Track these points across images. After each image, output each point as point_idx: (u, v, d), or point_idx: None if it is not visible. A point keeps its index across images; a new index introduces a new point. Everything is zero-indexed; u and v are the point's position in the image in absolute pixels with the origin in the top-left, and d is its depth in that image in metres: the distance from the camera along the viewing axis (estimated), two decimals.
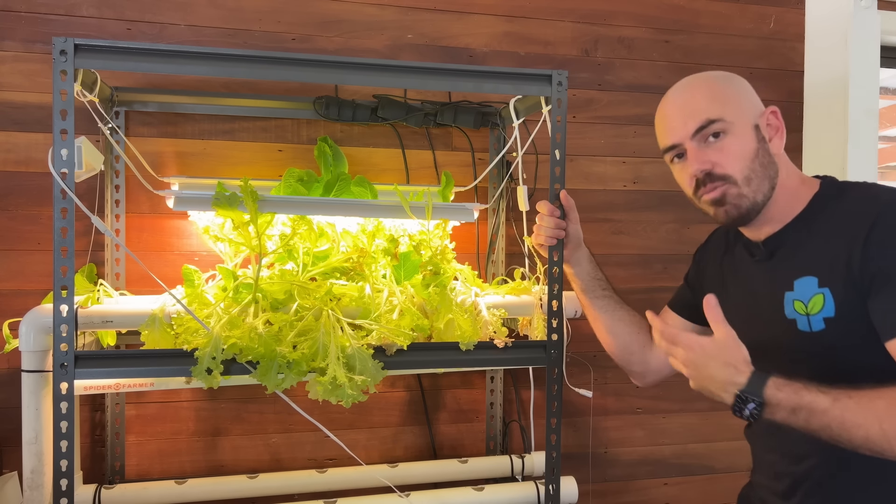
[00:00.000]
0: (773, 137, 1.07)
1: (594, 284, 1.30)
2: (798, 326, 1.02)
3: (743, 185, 1.04)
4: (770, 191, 1.05)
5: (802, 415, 0.89)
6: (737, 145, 1.04)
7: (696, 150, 1.06)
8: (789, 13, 1.99)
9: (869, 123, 1.87)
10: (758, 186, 1.04)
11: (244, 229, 1.29)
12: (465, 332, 1.32)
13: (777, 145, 1.07)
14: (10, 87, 1.54)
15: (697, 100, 1.07)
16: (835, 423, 0.87)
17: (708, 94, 1.07)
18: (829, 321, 0.98)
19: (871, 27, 1.86)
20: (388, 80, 1.29)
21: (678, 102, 1.09)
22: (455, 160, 1.77)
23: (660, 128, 1.12)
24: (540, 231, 1.27)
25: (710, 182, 1.05)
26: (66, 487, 1.16)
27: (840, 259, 0.97)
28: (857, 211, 0.98)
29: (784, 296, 1.04)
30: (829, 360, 0.99)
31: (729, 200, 1.05)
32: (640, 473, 1.93)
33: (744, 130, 1.04)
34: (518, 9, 1.80)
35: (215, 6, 1.63)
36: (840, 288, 0.97)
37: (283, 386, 1.19)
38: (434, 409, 1.79)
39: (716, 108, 1.04)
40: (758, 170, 1.04)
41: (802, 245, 1.04)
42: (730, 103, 1.05)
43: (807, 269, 1.01)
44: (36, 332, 1.25)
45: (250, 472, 1.62)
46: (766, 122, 1.07)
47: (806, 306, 1.01)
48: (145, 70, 1.17)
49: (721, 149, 1.04)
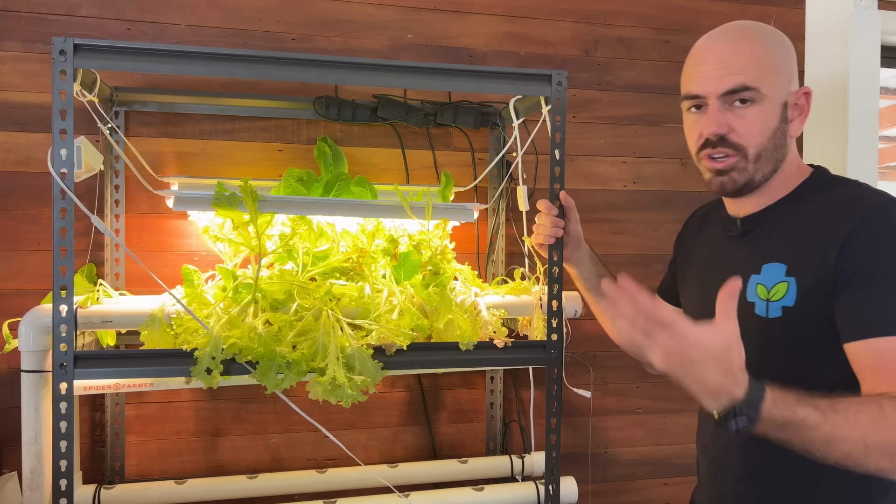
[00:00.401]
0: (794, 119, 1.03)
1: (596, 282, 1.31)
2: (755, 310, 1.01)
3: (752, 160, 1.00)
4: (771, 173, 1.03)
5: (789, 430, 0.81)
6: (761, 118, 0.99)
7: (718, 111, 1.00)
8: (789, 13, 1.98)
9: (869, 123, 1.87)
10: (763, 165, 1.01)
11: (244, 229, 1.29)
12: (464, 332, 1.32)
13: (796, 128, 1.03)
14: (10, 87, 1.54)
15: (741, 58, 0.99)
16: (820, 438, 0.81)
17: (754, 55, 0.99)
18: (786, 310, 0.97)
19: (871, 27, 1.86)
20: (388, 80, 1.29)
21: (720, 52, 1.01)
22: (455, 160, 1.77)
23: (690, 71, 1.05)
24: (539, 230, 1.28)
25: (721, 146, 1.01)
26: (65, 487, 1.16)
27: (813, 252, 0.95)
28: (840, 208, 0.96)
29: (750, 277, 1.02)
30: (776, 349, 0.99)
31: (731, 173, 1.02)
32: (641, 473, 1.93)
33: (773, 105, 1.00)
34: (518, 9, 1.80)
35: (215, 6, 1.63)
36: (806, 280, 0.96)
37: (283, 386, 1.19)
38: (434, 409, 1.78)
39: (756, 74, 0.98)
40: (769, 149, 1.01)
41: (778, 230, 1.03)
42: (771, 74, 0.99)
43: (777, 256, 1.00)
44: (35, 332, 1.25)
45: (250, 472, 1.61)
46: (795, 101, 1.03)
47: (768, 292, 1.00)
48: (145, 70, 1.16)
49: (744, 116, 0.99)
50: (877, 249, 0.91)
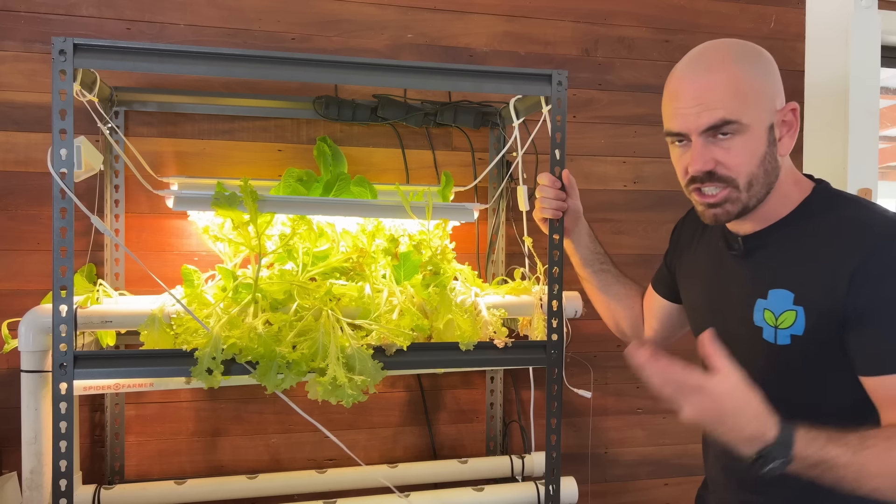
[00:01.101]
0: (783, 136, 0.98)
1: (593, 259, 1.32)
2: (763, 336, 0.99)
3: (744, 189, 0.97)
4: (766, 195, 0.99)
5: (821, 468, 0.83)
6: (747, 148, 0.95)
7: (701, 147, 0.97)
8: (790, 13, 1.98)
9: (869, 123, 1.87)
10: (756, 192, 0.98)
11: (244, 229, 1.29)
12: (464, 332, 1.32)
13: (786, 145, 0.99)
14: (9, 86, 1.54)
15: (718, 91, 0.95)
16: (850, 475, 0.83)
17: (731, 86, 0.95)
18: (795, 339, 0.96)
19: (871, 27, 1.86)
20: (388, 80, 1.29)
21: (695, 86, 0.97)
22: (455, 160, 1.77)
23: (668, 107, 1.02)
24: (542, 203, 1.27)
25: (710, 181, 0.97)
26: (65, 488, 1.16)
27: (821, 282, 0.93)
28: (847, 235, 0.93)
29: (756, 301, 1.00)
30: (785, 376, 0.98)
31: (725, 205, 0.98)
32: (641, 474, 1.92)
33: (758, 132, 0.95)
34: (518, 8, 1.80)
35: (215, 6, 1.63)
36: (815, 310, 0.94)
37: (283, 386, 1.18)
38: (434, 410, 1.78)
39: (735, 106, 0.94)
40: (760, 175, 0.97)
41: (783, 253, 1.00)
42: (751, 102, 0.95)
43: (784, 282, 0.98)
44: (35, 333, 1.25)
45: (250, 472, 1.61)
46: (782, 120, 0.98)
47: (776, 318, 0.98)
48: (145, 70, 1.16)
49: (729, 149, 0.95)
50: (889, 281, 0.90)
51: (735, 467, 1.08)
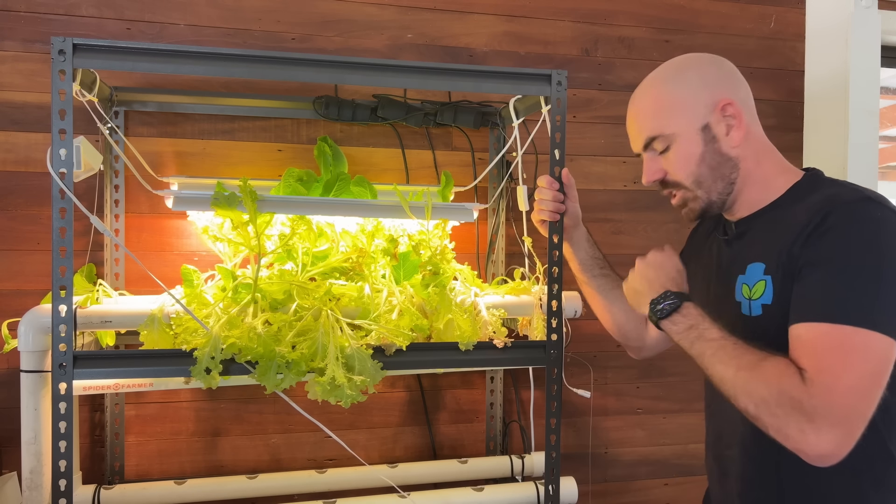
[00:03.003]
0: (730, 131, 1.05)
1: (592, 263, 1.33)
2: (741, 310, 1.04)
3: (694, 188, 1.07)
4: (728, 186, 1.07)
5: (693, 334, 0.98)
6: (681, 154, 1.06)
7: (648, 161, 1.11)
8: (789, 13, 1.98)
9: (869, 123, 1.86)
10: (710, 187, 1.07)
11: (243, 229, 1.29)
12: (464, 332, 1.32)
13: (736, 137, 1.05)
14: (9, 86, 1.54)
15: (644, 114, 1.10)
16: (708, 353, 0.95)
17: (653, 106, 1.09)
18: (765, 308, 1.00)
19: (871, 27, 1.86)
20: (388, 80, 1.29)
21: (632, 113, 1.13)
22: (455, 160, 1.77)
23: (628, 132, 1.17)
24: (541, 206, 1.29)
25: (666, 188, 1.11)
26: (65, 488, 1.16)
27: (784, 249, 0.97)
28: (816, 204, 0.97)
29: (737, 278, 1.06)
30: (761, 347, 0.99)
31: (687, 204, 1.10)
32: (641, 474, 1.92)
33: (688, 138, 1.06)
34: (518, 8, 1.80)
35: (215, 6, 1.63)
36: (779, 277, 0.98)
37: (283, 386, 1.18)
38: (434, 410, 1.78)
39: (656, 123, 1.07)
40: (706, 172, 1.06)
41: (765, 232, 1.05)
42: (673, 113, 1.06)
43: (758, 256, 1.03)
44: (35, 333, 1.25)
45: (250, 472, 1.61)
46: (720, 117, 1.05)
47: (750, 290, 1.03)
48: (144, 70, 1.16)
49: (668, 159, 1.08)
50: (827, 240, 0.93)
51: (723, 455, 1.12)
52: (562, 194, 1.28)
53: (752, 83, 1.12)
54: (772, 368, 0.89)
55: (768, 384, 0.88)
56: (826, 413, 0.84)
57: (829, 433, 0.83)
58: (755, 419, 0.89)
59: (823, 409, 0.84)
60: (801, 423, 0.84)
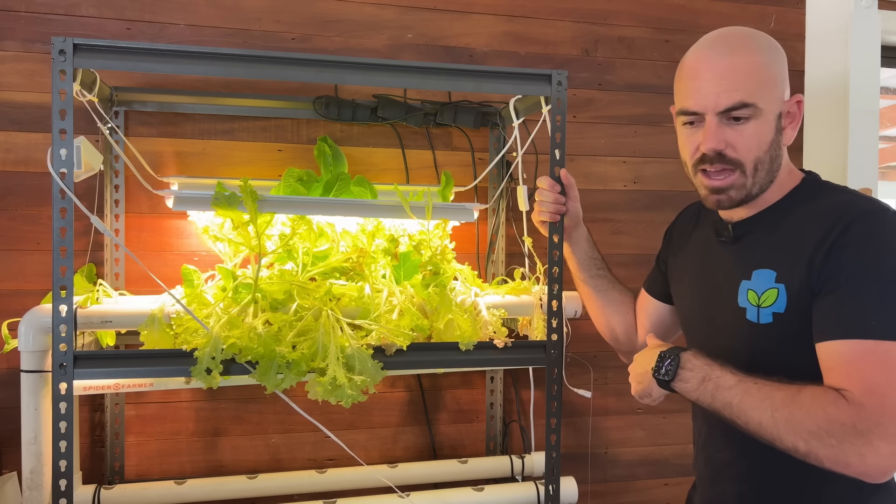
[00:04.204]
0: (787, 127, 1.02)
1: (590, 263, 1.33)
2: (747, 316, 1.01)
3: (750, 174, 1.00)
4: (769, 184, 1.02)
5: (710, 386, 0.94)
6: (758, 132, 0.98)
7: (716, 127, 0.99)
8: (790, 13, 1.98)
9: (869, 123, 1.86)
10: (760, 179, 1.01)
11: (243, 229, 1.29)
12: (464, 332, 1.32)
13: (789, 136, 1.03)
14: (9, 86, 1.54)
15: (739, 74, 0.98)
16: (735, 401, 0.90)
17: (752, 71, 0.98)
18: (777, 316, 0.98)
19: (871, 27, 1.86)
20: (388, 80, 1.29)
21: (717, 67, 0.99)
22: (455, 160, 1.77)
23: (684, 85, 1.03)
24: (541, 206, 1.28)
25: (720, 163, 1.00)
26: (65, 488, 1.16)
27: (802, 258, 0.95)
28: (829, 214, 0.96)
29: (740, 283, 1.03)
30: (768, 356, 0.99)
31: (730, 192, 1.01)
32: (641, 474, 1.92)
33: (769, 118, 0.99)
34: (518, 8, 1.80)
35: (215, 6, 1.63)
36: (796, 286, 0.96)
37: (283, 386, 1.18)
38: (434, 410, 1.78)
39: (755, 91, 0.98)
40: (766, 162, 1.00)
41: (768, 236, 1.03)
42: (768, 87, 0.99)
43: (767, 262, 1.01)
44: (35, 333, 1.25)
45: (250, 472, 1.61)
46: (788, 110, 1.02)
47: (759, 298, 1.00)
48: (144, 70, 1.16)
49: (742, 132, 0.98)
50: (855, 252, 0.91)
51: (716, 458, 1.11)
52: (562, 196, 1.28)
53: None
54: (810, 399, 0.86)
55: (813, 416, 0.85)
56: (881, 432, 0.83)
57: (887, 449, 0.83)
58: (806, 455, 0.86)
59: (878, 428, 0.83)
60: (859, 447, 0.83)
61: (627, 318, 1.33)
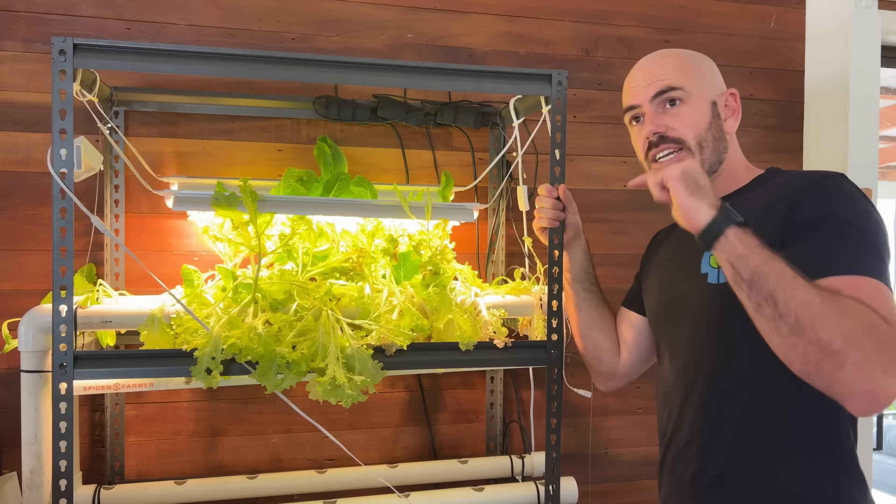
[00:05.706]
0: (728, 118, 1.14)
1: (584, 276, 1.33)
2: (708, 280, 1.06)
3: (696, 151, 1.10)
4: (717, 164, 1.12)
5: (765, 252, 0.89)
6: (692, 114, 1.10)
7: (652, 114, 1.12)
8: (790, 13, 1.98)
9: (869, 123, 1.86)
10: (708, 156, 1.10)
11: (243, 229, 1.29)
12: (464, 332, 1.32)
13: (731, 126, 1.14)
14: (9, 86, 1.54)
15: (663, 67, 1.13)
16: (788, 273, 0.86)
17: (674, 64, 1.13)
18: None
19: (871, 27, 1.86)
20: (388, 80, 1.29)
21: (645, 69, 1.16)
22: (455, 160, 1.77)
23: (625, 90, 1.19)
24: (541, 214, 1.30)
25: (664, 144, 1.11)
26: (65, 488, 1.16)
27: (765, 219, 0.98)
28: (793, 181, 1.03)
29: (703, 254, 1.08)
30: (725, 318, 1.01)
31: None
32: (641, 474, 1.92)
33: (700, 102, 1.11)
34: (518, 8, 1.80)
35: (215, 6, 1.63)
36: None
37: (283, 386, 1.18)
38: (434, 410, 1.78)
39: (678, 77, 1.11)
40: (710, 140, 1.10)
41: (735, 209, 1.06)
42: (693, 76, 1.12)
43: None
44: (35, 333, 1.25)
45: (250, 472, 1.61)
46: (725, 103, 1.14)
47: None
48: (144, 70, 1.16)
49: (676, 115, 1.11)
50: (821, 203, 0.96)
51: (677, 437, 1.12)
52: (560, 203, 1.29)
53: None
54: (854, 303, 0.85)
55: (857, 317, 0.83)
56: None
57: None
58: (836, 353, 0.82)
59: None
60: (886, 363, 0.81)
61: (614, 336, 1.33)
